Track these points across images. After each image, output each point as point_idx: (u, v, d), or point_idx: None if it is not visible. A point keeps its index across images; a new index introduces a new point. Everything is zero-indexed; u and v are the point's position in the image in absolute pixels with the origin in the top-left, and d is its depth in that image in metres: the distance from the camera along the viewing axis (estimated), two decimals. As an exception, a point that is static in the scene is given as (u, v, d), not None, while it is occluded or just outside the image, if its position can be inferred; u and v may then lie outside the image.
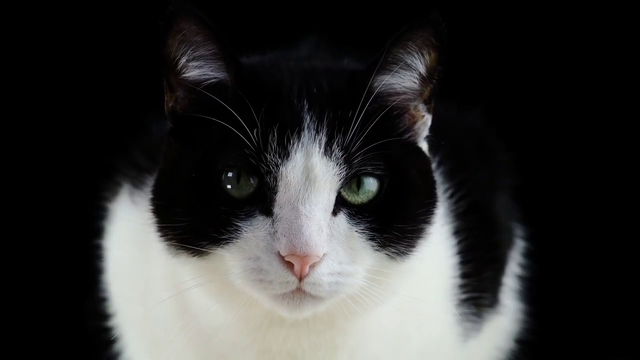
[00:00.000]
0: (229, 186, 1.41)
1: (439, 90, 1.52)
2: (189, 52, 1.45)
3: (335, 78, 1.48)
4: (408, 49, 1.46)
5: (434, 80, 1.49)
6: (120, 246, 1.74)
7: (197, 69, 1.46)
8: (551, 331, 2.07)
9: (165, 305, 1.58)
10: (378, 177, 1.42)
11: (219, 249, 1.40)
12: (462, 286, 1.65)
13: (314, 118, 1.41)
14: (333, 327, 1.51)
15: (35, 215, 2.33)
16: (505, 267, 1.83)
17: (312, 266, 1.37)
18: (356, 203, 1.42)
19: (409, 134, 1.50)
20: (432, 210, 1.48)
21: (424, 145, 1.53)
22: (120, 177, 1.78)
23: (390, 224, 1.42)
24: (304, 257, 1.36)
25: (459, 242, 1.66)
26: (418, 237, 1.46)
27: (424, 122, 1.51)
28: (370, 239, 1.41)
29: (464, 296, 1.65)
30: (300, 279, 1.37)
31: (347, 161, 1.40)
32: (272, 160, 1.39)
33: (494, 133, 1.92)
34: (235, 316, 1.49)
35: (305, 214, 1.37)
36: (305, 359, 1.53)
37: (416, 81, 1.48)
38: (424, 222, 1.47)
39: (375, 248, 1.42)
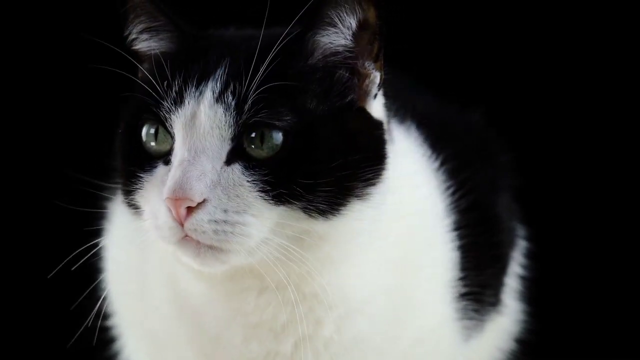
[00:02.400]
0: (152, 143, 1.45)
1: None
2: (135, 22, 1.53)
3: (268, 38, 1.46)
4: (334, 8, 1.46)
5: (377, 37, 1.48)
6: (119, 245, 1.74)
7: (141, 42, 1.54)
8: (551, 331, 2.07)
9: (163, 300, 1.60)
10: (281, 130, 1.41)
11: (131, 199, 1.47)
12: (462, 279, 1.65)
13: (221, 69, 1.43)
14: (303, 296, 1.50)
15: (35, 214, 2.32)
16: (507, 267, 1.83)
17: (190, 212, 1.38)
18: (261, 157, 1.41)
19: (349, 94, 1.48)
20: (363, 169, 1.45)
21: (374, 103, 1.51)
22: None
23: (290, 179, 1.41)
24: (175, 200, 1.37)
25: (461, 239, 1.66)
26: (343, 195, 1.43)
27: (372, 80, 1.50)
28: (260, 191, 1.40)
29: (464, 290, 1.65)
30: (182, 224, 1.39)
31: (239, 108, 1.41)
32: (168, 106, 1.43)
33: (495, 134, 1.93)
34: (196, 279, 1.52)
35: (188, 159, 1.40)
36: (289, 333, 1.53)
37: (347, 38, 1.47)
38: (350, 179, 1.44)
39: (270, 202, 1.40)
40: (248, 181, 1.40)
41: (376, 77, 1.50)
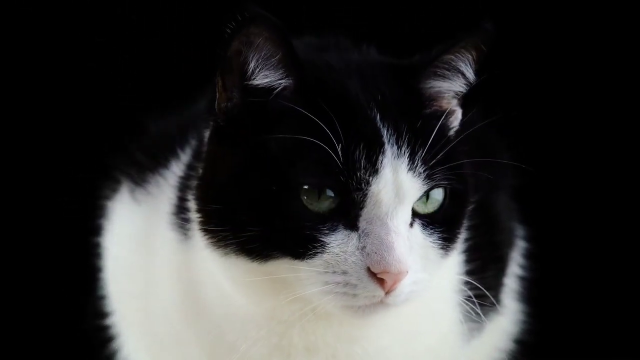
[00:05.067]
0: (307, 199, 1.38)
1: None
2: (256, 57, 1.40)
3: (390, 81, 1.47)
4: (461, 56, 1.48)
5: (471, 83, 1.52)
6: (120, 244, 1.74)
7: (264, 78, 1.41)
8: (550, 332, 2.07)
9: (170, 300, 1.59)
10: (444, 187, 1.44)
11: (298, 261, 1.39)
12: (466, 283, 1.65)
13: (390, 131, 1.40)
14: None
15: (35, 214, 2.33)
16: (506, 267, 1.83)
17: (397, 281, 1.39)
18: (424, 213, 1.43)
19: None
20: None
21: None
22: (119, 175, 1.78)
23: (453, 230, 1.46)
24: (397, 275, 1.37)
25: (465, 241, 1.66)
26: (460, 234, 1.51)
27: (456, 117, 1.53)
28: (441, 248, 1.44)
29: (468, 293, 1.65)
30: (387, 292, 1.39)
31: (429, 177, 1.41)
32: (362, 177, 1.38)
33: (495, 133, 1.92)
34: (264, 311, 1.49)
35: (394, 230, 1.38)
36: (324, 350, 1.53)
37: (464, 86, 1.51)
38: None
39: (442, 255, 1.45)
40: (430, 241, 1.43)
41: (459, 112, 1.53)
